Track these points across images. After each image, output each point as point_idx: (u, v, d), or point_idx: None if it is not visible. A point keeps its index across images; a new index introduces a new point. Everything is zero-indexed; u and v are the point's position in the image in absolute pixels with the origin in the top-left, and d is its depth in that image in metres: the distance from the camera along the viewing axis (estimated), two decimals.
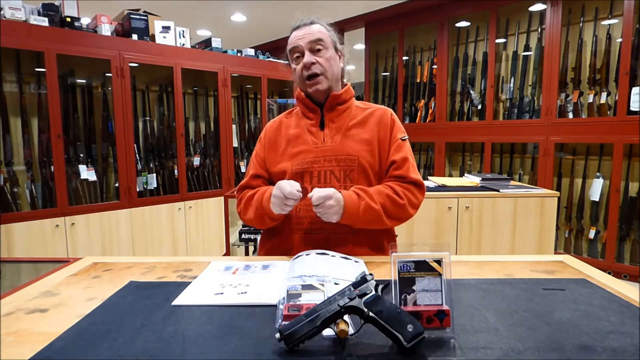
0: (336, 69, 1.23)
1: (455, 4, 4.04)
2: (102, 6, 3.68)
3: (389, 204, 1.14)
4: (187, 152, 3.56)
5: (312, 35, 1.19)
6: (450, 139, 4.21)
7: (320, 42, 1.19)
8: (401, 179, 1.19)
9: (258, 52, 4.02)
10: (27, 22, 2.61)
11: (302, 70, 1.20)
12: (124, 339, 0.68)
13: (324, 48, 1.20)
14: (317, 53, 1.19)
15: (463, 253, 2.46)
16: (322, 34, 1.21)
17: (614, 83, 3.21)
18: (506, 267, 1.05)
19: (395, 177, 1.19)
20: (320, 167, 1.19)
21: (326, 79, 1.20)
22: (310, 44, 1.19)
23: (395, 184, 1.17)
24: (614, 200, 3.16)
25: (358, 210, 1.10)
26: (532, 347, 0.65)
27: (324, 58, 1.19)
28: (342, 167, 1.18)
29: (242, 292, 0.88)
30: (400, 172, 1.19)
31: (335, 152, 1.19)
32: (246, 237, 2.33)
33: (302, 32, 1.21)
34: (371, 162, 1.20)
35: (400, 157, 1.20)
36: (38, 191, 2.80)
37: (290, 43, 1.23)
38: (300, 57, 1.20)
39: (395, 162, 1.20)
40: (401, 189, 1.16)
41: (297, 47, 1.20)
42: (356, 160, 1.18)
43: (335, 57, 1.23)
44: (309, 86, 1.21)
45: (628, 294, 0.86)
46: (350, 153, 1.19)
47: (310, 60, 1.18)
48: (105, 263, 1.11)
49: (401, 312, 0.65)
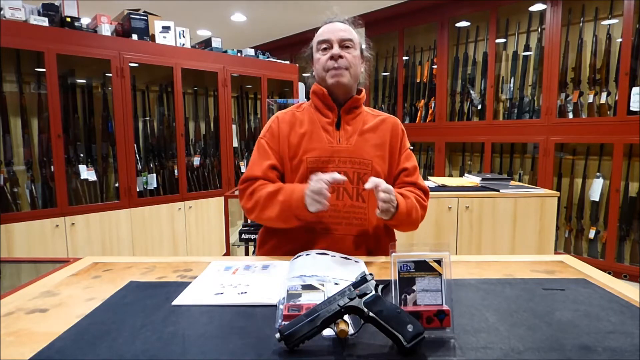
0: (359, 70, 1.26)
1: (455, 4, 4.04)
2: (102, 6, 3.68)
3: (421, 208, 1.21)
4: (187, 152, 3.56)
5: (345, 32, 1.23)
6: (450, 139, 4.21)
7: (349, 41, 1.22)
8: (413, 185, 1.24)
9: (258, 52, 4.02)
10: (27, 22, 2.61)
11: (328, 60, 1.21)
12: (124, 339, 0.68)
13: (352, 47, 1.23)
14: (346, 49, 1.22)
15: (463, 253, 2.46)
16: (352, 34, 1.24)
17: (614, 83, 3.21)
18: (506, 267, 1.05)
19: (408, 183, 1.25)
20: (334, 167, 1.18)
21: (349, 74, 1.21)
22: (340, 40, 1.21)
23: (416, 190, 1.24)
24: (614, 200, 3.16)
25: (406, 209, 1.13)
26: (532, 347, 0.65)
27: (351, 55, 1.22)
28: (356, 170, 1.19)
29: (242, 292, 0.88)
30: (412, 179, 1.25)
31: (350, 154, 1.20)
32: (246, 237, 2.33)
33: (333, 27, 1.24)
34: (383, 168, 1.23)
35: (412, 166, 1.27)
36: (38, 191, 2.79)
37: (320, 34, 1.25)
38: (328, 48, 1.22)
39: (406, 169, 1.26)
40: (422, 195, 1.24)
41: (328, 40, 1.22)
42: (370, 164, 1.20)
43: (359, 59, 1.26)
44: (332, 76, 1.20)
45: (628, 294, 0.86)
46: (364, 157, 1.21)
47: (338, 52, 1.20)
48: (105, 263, 1.11)
49: (401, 312, 0.65)
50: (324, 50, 1.22)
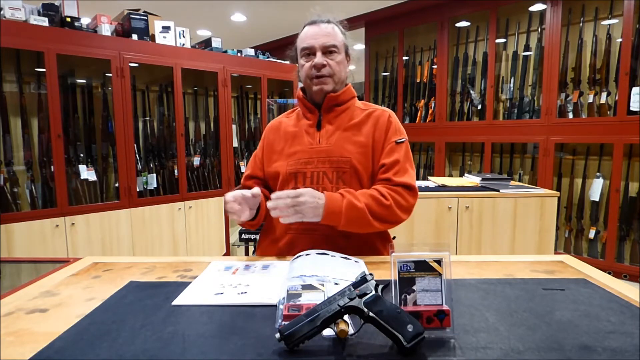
0: (344, 73, 1.24)
1: (455, 4, 4.04)
2: (102, 6, 3.68)
3: (373, 204, 1.09)
4: (187, 152, 3.56)
5: (328, 38, 1.19)
6: (450, 139, 4.21)
7: (333, 47, 1.20)
8: (387, 182, 1.15)
9: (258, 52, 4.02)
10: (27, 22, 2.61)
11: (311, 69, 1.20)
12: (124, 339, 0.68)
13: (337, 52, 1.21)
14: (329, 55, 1.20)
15: (463, 253, 2.46)
16: (336, 39, 1.21)
17: (614, 83, 3.21)
18: (506, 267, 1.05)
19: (382, 180, 1.17)
20: (313, 168, 1.18)
21: (333, 81, 1.21)
22: (323, 47, 1.19)
23: (381, 186, 1.14)
24: (614, 200, 3.16)
25: (340, 207, 1.06)
26: (532, 347, 0.65)
27: (335, 61, 1.20)
28: (334, 169, 1.17)
29: (242, 292, 0.88)
30: (387, 175, 1.16)
31: (328, 154, 1.19)
32: (246, 237, 2.33)
33: (316, 31, 1.20)
34: (365, 165, 1.18)
35: (390, 161, 1.17)
36: (38, 191, 2.79)
37: (302, 39, 1.22)
38: (311, 55, 1.20)
39: (384, 165, 1.17)
40: (387, 191, 1.13)
41: (310, 47, 1.20)
42: (349, 162, 1.17)
43: (344, 62, 1.24)
44: (315, 84, 1.20)
45: (628, 294, 0.86)
46: (343, 155, 1.18)
47: (321, 61, 1.18)
48: (105, 263, 1.11)
49: (401, 312, 0.65)
50: (307, 57, 1.21)
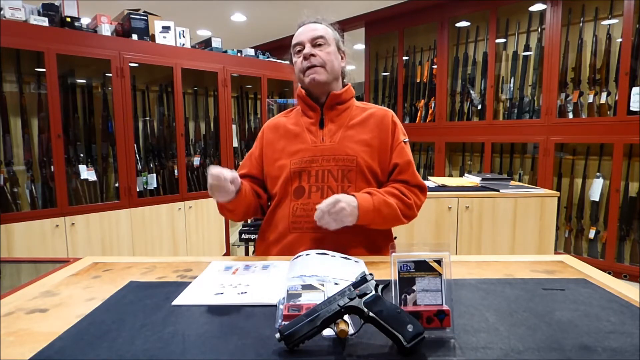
0: (337, 65, 1.24)
1: (455, 4, 4.04)
2: (102, 6, 3.68)
3: (399, 202, 1.15)
4: (187, 152, 3.56)
5: (315, 31, 1.22)
6: (450, 139, 4.21)
7: (321, 38, 1.22)
8: (406, 183, 1.20)
9: (258, 52, 4.02)
10: (27, 22, 2.61)
11: (302, 61, 1.21)
12: (124, 339, 0.68)
13: (325, 44, 1.22)
14: (318, 47, 1.21)
15: (463, 253, 2.46)
16: (324, 31, 1.23)
17: (614, 83, 3.21)
18: (506, 267, 1.05)
19: (400, 180, 1.21)
20: (318, 166, 1.18)
21: (325, 71, 1.20)
22: (311, 39, 1.21)
23: (401, 186, 1.19)
24: (614, 200, 3.16)
25: (373, 205, 1.10)
26: (532, 347, 0.65)
27: (324, 52, 1.21)
28: (340, 167, 1.18)
29: (242, 292, 0.88)
30: (404, 177, 1.21)
31: (333, 152, 1.19)
32: (246, 237, 2.33)
33: (304, 29, 1.24)
34: (369, 164, 1.19)
35: (404, 161, 1.21)
36: (38, 191, 2.79)
37: (294, 39, 1.26)
38: (301, 50, 1.22)
39: (398, 165, 1.21)
40: (407, 190, 1.19)
41: (300, 42, 1.23)
42: (354, 160, 1.18)
43: (336, 54, 1.24)
44: (307, 75, 1.21)
45: (628, 294, 0.86)
46: (348, 153, 1.19)
47: (309, 51, 1.20)
48: (105, 263, 1.11)
49: (401, 312, 0.65)
50: (298, 53, 1.23)
